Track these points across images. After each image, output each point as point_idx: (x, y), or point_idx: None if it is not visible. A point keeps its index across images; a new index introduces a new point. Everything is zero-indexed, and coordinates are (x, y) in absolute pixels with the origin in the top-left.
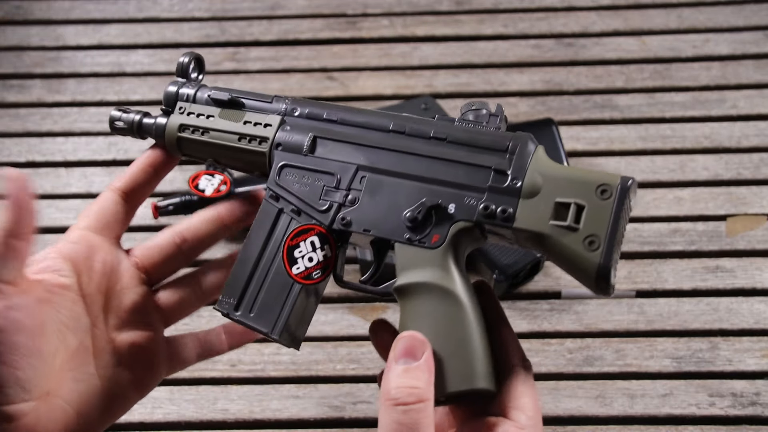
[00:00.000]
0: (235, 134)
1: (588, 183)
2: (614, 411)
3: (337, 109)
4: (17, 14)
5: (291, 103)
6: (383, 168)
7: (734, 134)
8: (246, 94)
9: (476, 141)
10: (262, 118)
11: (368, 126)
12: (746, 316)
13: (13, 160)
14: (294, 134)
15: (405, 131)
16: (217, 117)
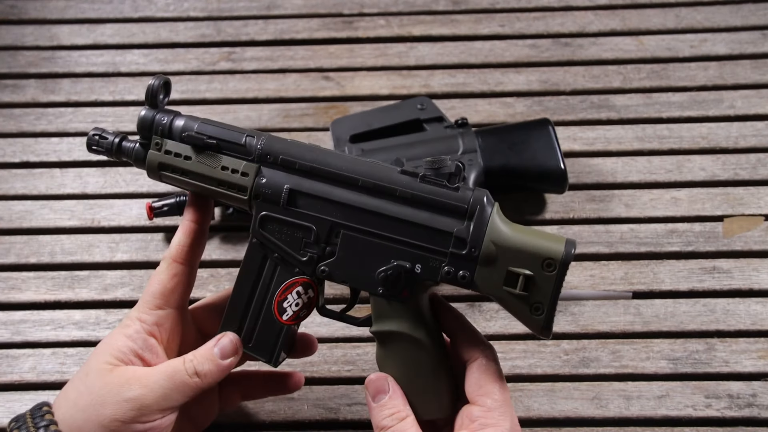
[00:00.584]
0: (214, 180)
1: (535, 256)
2: (610, 412)
3: (309, 156)
4: (11, 14)
5: (264, 145)
6: (356, 226)
7: (731, 134)
8: (220, 131)
9: (438, 203)
10: (238, 165)
11: (339, 180)
12: (743, 317)
13: (7, 160)
14: (271, 186)
15: (373, 189)
16: (195, 160)
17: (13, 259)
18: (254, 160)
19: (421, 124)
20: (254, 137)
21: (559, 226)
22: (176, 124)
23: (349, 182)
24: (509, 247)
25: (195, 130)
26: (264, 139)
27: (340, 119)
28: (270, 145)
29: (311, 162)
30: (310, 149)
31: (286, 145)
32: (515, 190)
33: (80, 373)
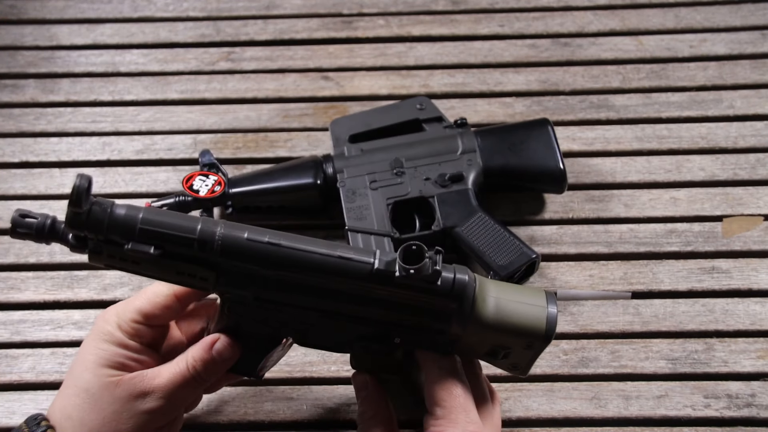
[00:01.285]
0: (172, 278)
1: (517, 338)
2: (609, 412)
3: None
4: (11, 13)
5: (221, 256)
6: (336, 317)
7: (731, 134)
8: (167, 233)
9: (418, 306)
10: (195, 270)
11: (305, 292)
12: (742, 317)
13: (6, 160)
14: (233, 291)
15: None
16: (149, 264)
17: (12, 259)
18: (211, 265)
19: (421, 124)
20: (207, 241)
21: (558, 226)
22: (114, 222)
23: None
24: (491, 331)
25: (133, 248)
26: (217, 245)
27: (339, 119)
28: (226, 252)
29: (272, 270)
30: (271, 253)
31: (244, 251)
32: (514, 190)
33: (76, 389)
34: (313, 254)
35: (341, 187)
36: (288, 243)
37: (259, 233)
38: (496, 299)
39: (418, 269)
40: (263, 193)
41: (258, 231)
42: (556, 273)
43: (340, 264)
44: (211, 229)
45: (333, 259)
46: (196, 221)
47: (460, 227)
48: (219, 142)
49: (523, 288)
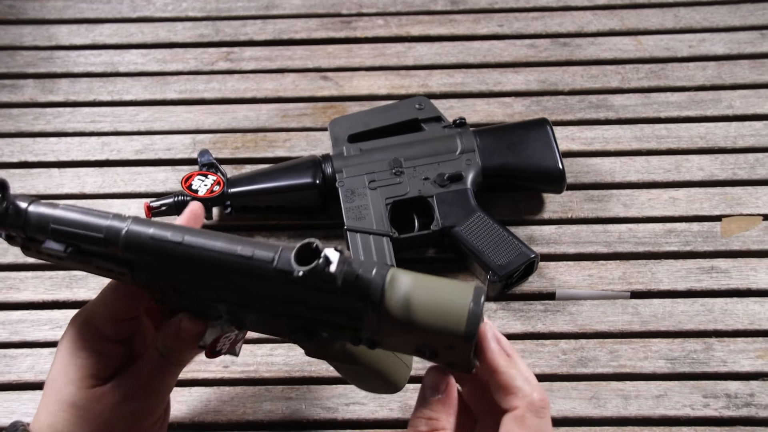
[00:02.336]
0: (95, 271)
1: (437, 338)
2: (608, 412)
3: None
4: (10, 13)
5: (129, 255)
6: (258, 310)
7: (730, 134)
8: (77, 232)
9: (325, 304)
10: (111, 266)
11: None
12: (741, 316)
13: (5, 160)
14: (153, 282)
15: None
16: (68, 261)
17: (11, 258)
18: (123, 262)
19: (419, 123)
20: (113, 238)
21: (557, 226)
22: (30, 219)
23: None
24: (404, 330)
25: (51, 239)
26: (122, 242)
27: (338, 119)
28: (132, 249)
29: (177, 268)
30: (174, 252)
31: (148, 248)
32: (513, 190)
33: (62, 404)
34: (213, 252)
35: (340, 186)
36: (189, 240)
37: (163, 229)
38: (408, 295)
39: (312, 269)
40: (262, 193)
41: (163, 227)
42: (555, 273)
43: (240, 262)
44: (116, 227)
45: (233, 258)
46: (105, 218)
47: (458, 227)
48: (218, 142)
49: (448, 283)
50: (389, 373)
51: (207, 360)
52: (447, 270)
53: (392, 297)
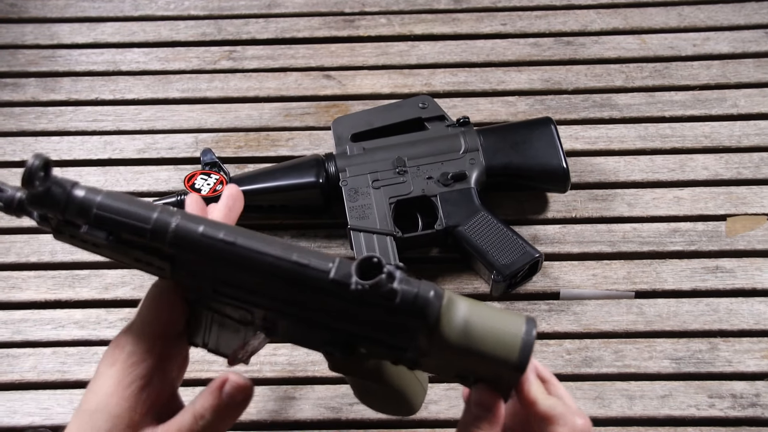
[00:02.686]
0: (131, 263)
1: (487, 365)
2: (613, 412)
3: (222, 258)
4: (12, 12)
5: (175, 251)
6: (298, 322)
7: (734, 133)
8: (122, 220)
9: (377, 320)
10: (151, 260)
11: (261, 294)
12: (746, 316)
13: (7, 159)
14: (192, 280)
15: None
16: (107, 248)
17: (14, 258)
18: (166, 257)
19: (423, 123)
20: (161, 231)
21: (561, 226)
22: (73, 203)
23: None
24: (455, 354)
25: (94, 225)
26: (170, 236)
27: (341, 118)
28: (179, 245)
29: (224, 270)
30: (225, 252)
31: (197, 246)
32: (517, 189)
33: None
34: (267, 256)
35: (343, 186)
36: (243, 242)
37: (215, 228)
38: (466, 320)
39: (374, 284)
40: (265, 192)
41: (215, 226)
42: (559, 272)
43: (294, 270)
44: (165, 220)
45: (287, 264)
46: (152, 210)
47: (462, 226)
48: (220, 141)
49: (502, 311)
50: (408, 396)
51: (210, 359)
52: (451, 270)
53: (449, 320)
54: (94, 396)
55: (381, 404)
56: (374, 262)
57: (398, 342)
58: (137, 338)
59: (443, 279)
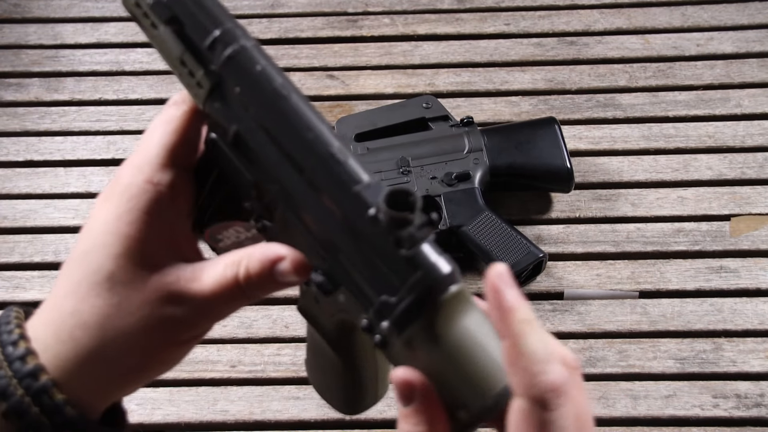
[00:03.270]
0: (173, 65)
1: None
2: (617, 412)
3: (268, 108)
4: (15, 12)
5: (224, 67)
6: (296, 219)
7: (738, 133)
8: (191, 14)
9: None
10: (195, 69)
11: (289, 156)
12: (750, 316)
13: (11, 159)
14: (221, 115)
15: (320, 190)
16: (161, 33)
17: (17, 258)
18: (213, 74)
19: (427, 123)
20: (222, 45)
21: (565, 225)
22: None
23: (296, 166)
24: (433, 359)
25: (153, 7)
26: (229, 53)
27: (345, 118)
28: (233, 67)
29: (264, 116)
30: (274, 99)
31: (250, 78)
32: (521, 189)
33: (91, 285)
34: (309, 131)
35: None
36: (296, 102)
37: (277, 73)
38: (465, 328)
39: (394, 217)
40: None
41: (277, 71)
42: (563, 272)
43: (324, 158)
44: (235, 35)
45: (323, 150)
46: (230, 21)
47: (466, 226)
48: None
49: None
50: (363, 384)
51: (214, 359)
52: None
53: (447, 314)
54: (87, 237)
55: (327, 385)
56: (409, 200)
57: (381, 306)
58: (136, 168)
59: None
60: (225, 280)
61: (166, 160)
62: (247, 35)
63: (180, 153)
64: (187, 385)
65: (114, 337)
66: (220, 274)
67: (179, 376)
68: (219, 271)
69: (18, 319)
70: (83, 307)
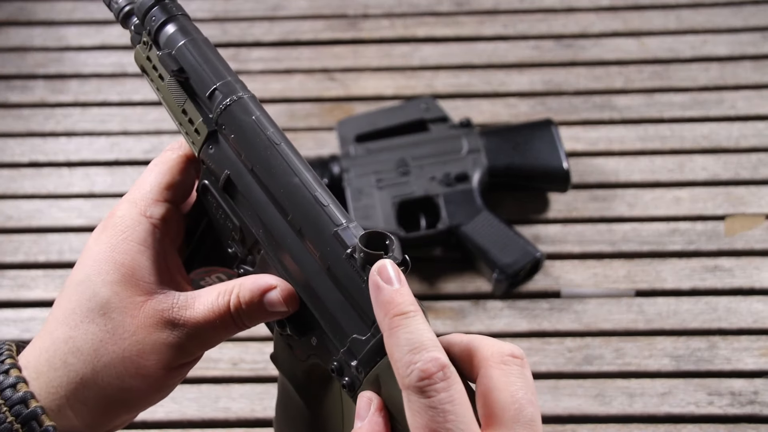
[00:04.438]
0: (176, 116)
1: None
2: (613, 410)
3: (257, 154)
4: (20, 15)
5: (223, 114)
6: (273, 257)
7: (732, 135)
8: (195, 67)
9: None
10: (195, 117)
11: (274, 199)
12: (744, 315)
13: (16, 160)
14: (215, 160)
15: (299, 231)
16: (167, 83)
17: (22, 257)
18: (210, 122)
19: (426, 124)
20: (221, 95)
21: (563, 225)
22: (163, 31)
23: (280, 209)
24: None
25: (172, 54)
26: (227, 103)
27: (345, 119)
28: (229, 116)
29: (255, 161)
30: (265, 146)
31: (244, 126)
32: (519, 190)
33: (85, 312)
34: (295, 176)
35: (347, 186)
36: (284, 149)
37: (268, 123)
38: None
39: (366, 255)
40: None
41: (269, 121)
42: (560, 271)
43: (307, 202)
44: (234, 87)
45: (307, 196)
46: (230, 75)
47: (465, 226)
48: None
49: None
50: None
51: (216, 358)
52: (453, 269)
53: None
54: (82, 267)
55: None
56: (386, 243)
57: (352, 344)
58: (130, 203)
59: (446, 278)
60: (218, 308)
61: (159, 196)
62: (245, 88)
63: (173, 191)
64: (190, 382)
65: (107, 362)
66: (212, 301)
67: None
68: (212, 299)
69: (9, 351)
70: (77, 333)
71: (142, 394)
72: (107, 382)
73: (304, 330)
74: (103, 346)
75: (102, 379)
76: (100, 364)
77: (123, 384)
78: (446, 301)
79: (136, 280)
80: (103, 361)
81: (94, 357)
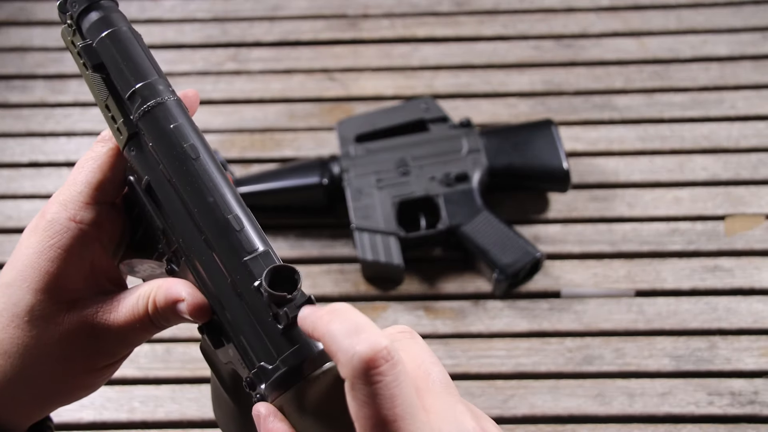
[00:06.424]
0: (100, 107)
1: None
2: (613, 410)
3: (172, 165)
4: (20, 15)
5: (141, 120)
6: (194, 271)
7: (733, 135)
8: (114, 64)
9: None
10: (117, 116)
11: (191, 215)
12: (745, 315)
13: (16, 160)
14: (137, 161)
15: (216, 253)
16: (90, 76)
17: None
18: (131, 125)
19: (426, 124)
20: (140, 99)
21: (562, 225)
22: (86, 18)
23: (196, 226)
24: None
25: (93, 46)
26: (146, 108)
27: (345, 120)
28: (148, 122)
29: (172, 174)
30: (182, 159)
31: (162, 134)
32: (519, 190)
33: (13, 318)
34: (209, 195)
35: (347, 186)
36: (203, 163)
37: (190, 133)
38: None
39: (275, 297)
40: (270, 193)
41: (191, 131)
42: (560, 272)
43: (221, 225)
44: (156, 90)
45: (221, 218)
46: (155, 75)
47: (465, 226)
48: (226, 142)
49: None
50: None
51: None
52: (453, 269)
53: (316, 390)
54: (10, 269)
55: (227, 424)
56: (294, 278)
57: (259, 370)
58: (61, 205)
59: (446, 278)
60: (137, 311)
61: (90, 198)
62: (170, 90)
63: (105, 190)
64: (190, 382)
65: (33, 365)
66: (132, 305)
67: (181, 374)
68: (132, 302)
69: None
70: (4, 336)
71: (69, 392)
72: (35, 383)
73: (221, 340)
74: (28, 351)
75: (29, 380)
76: (27, 367)
77: (50, 384)
78: (446, 301)
79: (60, 287)
80: (28, 363)
81: (20, 360)
